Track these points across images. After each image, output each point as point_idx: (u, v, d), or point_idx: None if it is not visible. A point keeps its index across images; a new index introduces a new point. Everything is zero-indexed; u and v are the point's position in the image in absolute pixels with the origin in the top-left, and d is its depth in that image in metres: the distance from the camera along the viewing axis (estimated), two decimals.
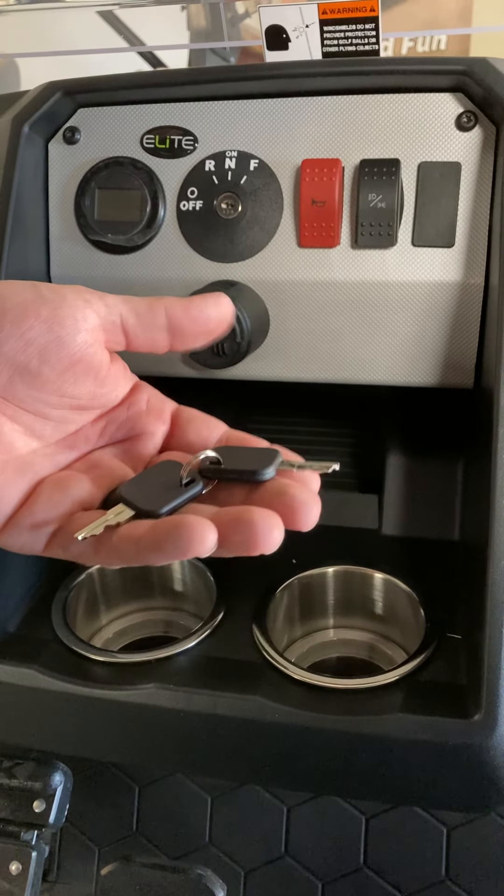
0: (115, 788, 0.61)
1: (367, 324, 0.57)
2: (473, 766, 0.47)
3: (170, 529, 0.32)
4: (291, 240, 0.56)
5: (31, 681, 0.52)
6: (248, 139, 0.56)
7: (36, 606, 0.60)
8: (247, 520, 0.32)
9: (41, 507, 0.37)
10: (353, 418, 0.86)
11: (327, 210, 0.54)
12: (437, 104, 0.53)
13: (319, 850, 0.58)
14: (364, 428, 0.84)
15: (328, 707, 0.49)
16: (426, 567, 0.61)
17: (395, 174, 0.53)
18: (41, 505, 0.37)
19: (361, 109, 0.54)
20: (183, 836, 0.60)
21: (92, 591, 0.64)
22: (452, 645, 0.54)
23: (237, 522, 0.32)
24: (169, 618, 0.67)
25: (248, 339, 0.55)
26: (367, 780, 0.49)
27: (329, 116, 0.55)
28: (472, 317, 0.55)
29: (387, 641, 0.62)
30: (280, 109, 0.56)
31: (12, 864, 0.54)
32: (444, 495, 0.65)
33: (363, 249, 0.55)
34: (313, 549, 0.64)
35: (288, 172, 0.56)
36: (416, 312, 0.56)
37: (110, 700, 0.51)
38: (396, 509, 0.67)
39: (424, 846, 0.56)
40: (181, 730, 0.51)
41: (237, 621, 0.57)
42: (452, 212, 0.53)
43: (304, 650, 0.63)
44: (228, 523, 0.32)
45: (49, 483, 0.38)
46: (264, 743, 0.50)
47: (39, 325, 0.36)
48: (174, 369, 0.62)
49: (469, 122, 0.52)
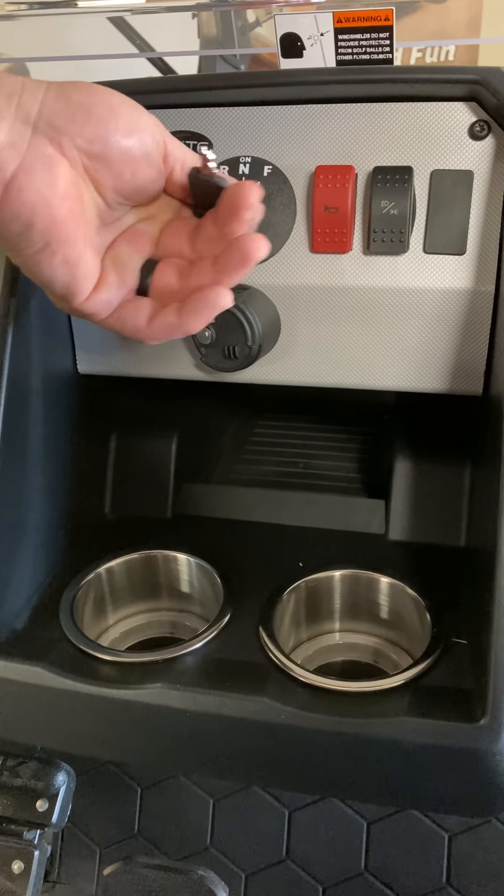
0: (118, 789, 0.62)
1: (377, 329, 0.57)
2: (478, 770, 0.47)
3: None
4: (304, 245, 0.57)
5: (38, 679, 0.53)
6: (262, 145, 0.57)
7: (44, 605, 0.60)
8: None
9: (111, 281, 0.47)
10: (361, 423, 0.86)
11: (340, 216, 0.54)
12: (450, 113, 0.53)
13: (321, 854, 0.58)
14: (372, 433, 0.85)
15: (334, 709, 0.49)
16: (432, 572, 0.62)
17: (407, 181, 0.53)
18: (110, 279, 0.47)
19: (375, 117, 0.55)
20: (184, 838, 0.60)
21: (100, 591, 0.64)
22: (458, 650, 0.54)
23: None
24: (175, 619, 0.67)
25: (258, 343, 0.56)
26: (372, 782, 0.49)
27: (343, 124, 0.55)
28: (482, 324, 0.55)
29: (392, 646, 0.62)
30: (294, 116, 0.56)
31: (14, 864, 0.54)
32: (450, 501, 0.66)
33: (375, 256, 0.56)
34: (320, 553, 0.65)
35: (301, 178, 0.56)
36: (426, 319, 0.56)
37: (117, 699, 0.51)
38: (403, 514, 0.67)
39: (425, 852, 0.57)
40: (187, 730, 0.51)
41: (244, 623, 0.57)
42: (464, 220, 0.54)
43: (309, 653, 0.63)
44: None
45: (112, 257, 0.48)
46: (270, 744, 0.50)
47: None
48: (186, 372, 0.62)
49: (482, 130, 0.53)
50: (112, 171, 0.45)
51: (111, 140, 0.43)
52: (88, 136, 0.43)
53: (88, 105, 0.43)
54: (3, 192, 0.42)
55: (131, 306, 0.48)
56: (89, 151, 0.43)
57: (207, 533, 0.70)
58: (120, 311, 0.48)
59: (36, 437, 0.61)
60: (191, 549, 0.65)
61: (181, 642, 0.56)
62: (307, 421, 0.89)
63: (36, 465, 0.61)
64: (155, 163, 0.46)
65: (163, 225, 0.49)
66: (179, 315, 0.47)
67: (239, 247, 0.45)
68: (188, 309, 0.46)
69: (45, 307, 0.61)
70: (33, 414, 0.61)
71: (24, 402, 0.60)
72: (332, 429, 0.87)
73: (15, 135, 0.41)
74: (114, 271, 0.48)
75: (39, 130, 0.42)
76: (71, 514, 0.67)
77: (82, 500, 0.69)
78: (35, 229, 0.43)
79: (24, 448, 0.60)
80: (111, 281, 0.47)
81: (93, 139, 0.43)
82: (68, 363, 0.65)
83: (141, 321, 0.48)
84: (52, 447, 0.63)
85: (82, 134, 0.43)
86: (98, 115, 0.43)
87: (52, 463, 0.64)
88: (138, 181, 0.46)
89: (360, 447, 0.83)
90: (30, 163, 0.42)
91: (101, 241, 0.48)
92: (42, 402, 0.61)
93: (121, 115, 0.44)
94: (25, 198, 0.42)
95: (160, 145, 0.46)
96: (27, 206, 0.42)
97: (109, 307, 0.48)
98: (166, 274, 0.48)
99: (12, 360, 0.57)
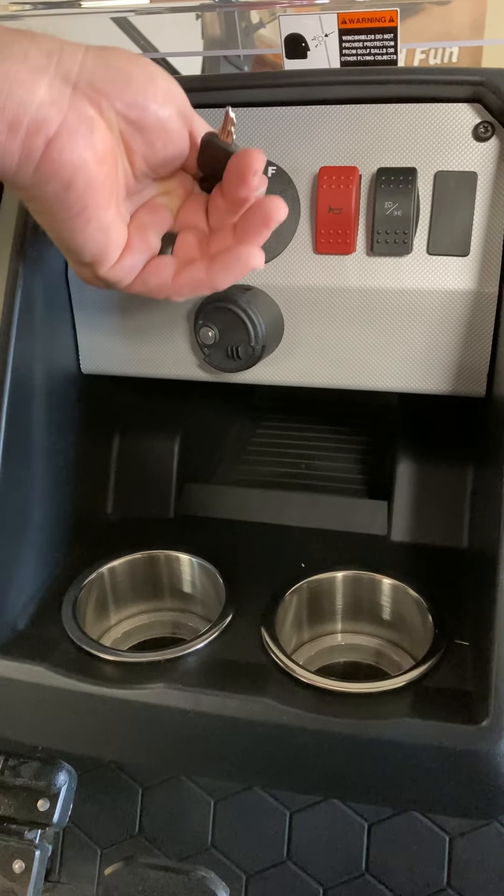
0: (119, 790, 0.62)
1: (380, 331, 0.57)
2: (480, 772, 0.47)
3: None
4: (307, 246, 0.57)
5: (40, 678, 0.53)
6: (267, 146, 0.57)
7: (46, 604, 0.60)
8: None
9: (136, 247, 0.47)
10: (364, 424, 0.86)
11: (344, 217, 0.54)
12: (454, 114, 0.53)
13: (321, 856, 0.58)
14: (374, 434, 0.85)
15: (336, 710, 0.49)
16: (434, 573, 0.62)
17: (411, 183, 0.53)
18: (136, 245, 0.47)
19: (379, 118, 0.55)
20: (185, 838, 0.60)
21: (102, 591, 0.64)
22: (460, 651, 0.54)
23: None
24: (177, 619, 0.67)
25: (262, 344, 0.56)
26: (374, 783, 0.49)
27: (347, 125, 0.55)
28: (485, 326, 0.55)
29: (394, 647, 0.62)
30: (298, 117, 0.56)
31: (15, 863, 0.54)
32: (453, 502, 0.66)
33: (378, 257, 0.56)
34: (323, 554, 0.65)
35: (305, 179, 0.56)
36: (429, 320, 0.56)
37: (119, 699, 0.51)
38: (405, 516, 0.67)
39: (426, 854, 0.57)
40: (189, 730, 0.51)
41: (246, 624, 0.57)
42: (468, 221, 0.54)
43: (311, 654, 0.63)
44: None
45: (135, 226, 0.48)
46: (271, 745, 0.50)
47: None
48: (189, 372, 0.62)
49: (486, 132, 0.53)
50: (146, 140, 0.45)
51: (150, 107, 0.43)
52: (128, 101, 0.43)
53: (128, 70, 0.43)
54: (43, 151, 0.41)
55: (154, 266, 0.48)
56: (127, 116, 0.43)
57: (210, 533, 0.70)
58: (143, 274, 0.48)
59: (39, 436, 0.61)
60: (193, 550, 0.65)
61: (183, 642, 0.56)
62: (310, 422, 0.89)
63: (39, 465, 0.62)
64: (184, 136, 0.46)
65: (180, 200, 0.50)
66: (209, 271, 0.47)
67: (260, 209, 0.46)
68: (219, 265, 0.47)
69: (49, 307, 0.61)
70: (36, 414, 0.61)
71: (28, 402, 0.60)
72: (334, 430, 0.87)
73: (56, 92, 0.41)
74: (139, 236, 0.48)
75: (80, 90, 0.42)
76: (73, 514, 0.67)
77: (85, 499, 0.69)
78: (73, 191, 0.42)
79: (28, 448, 0.60)
80: (136, 246, 0.48)
81: (132, 104, 0.43)
82: (72, 363, 0.65)
83: (165, 278, 0.48)
84: (55, 447, 0.64)
85: (122, 98, 0.42)
86: (137, 81, 0.43)
87: (55, 463, 0.64)
88: (168, 152, 0.46)
89: (362, 448, 0.83)
90: (72, 122, 0.41)
91: (126, 210, 0.48)
92: (45, 402, 0.62)
93: (158, 85, 0.44)
94: (66, 158, 0.41)
95: (188, 119, 0.46)
96: (67, 166, 0.42)
97: (133, 272, 0.48)
98: (186, 242, 0.49)
99: (16, 360, 0.57)
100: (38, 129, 0.40)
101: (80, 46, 0.42)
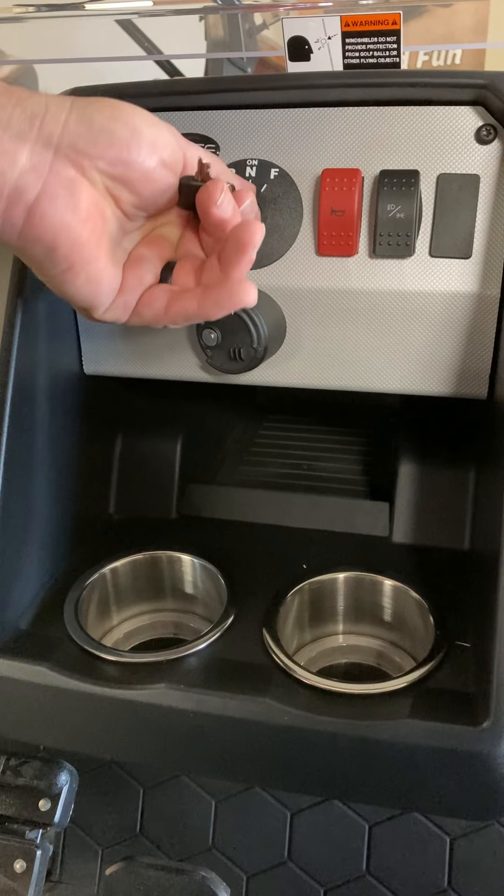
0: (120, 789, 0.62)
1: (382, 332, 0.57)
2: (481, 773, 0.47)
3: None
4: (310, 248, 0.57)
5: (41, 678, 0.53)
6: (269, 148, 0.57)
7: (48, 605, 0.60)
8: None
9: (130, 287, 0.48)
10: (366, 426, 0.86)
11: (346, 219, 0.55)
12: (456, 117, 0.53)
13: (322, 857, 0.58)
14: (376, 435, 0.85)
15: (337, 711, 0.49)
16: (436, 575, 0.62)
17: (414, 185, 0.53)
18: (130, 285, 0.48)
19: (382, 121, 0.55)
20: (186, 838, 0.60)
21: (104, 591, 0.64)
22: (461, 653, 0.54)
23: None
24: (179, 620, 0.67)
25: (264, 346, 0.56)
26: (374, 785, 0.49)
27: (350, 127, 0.55)
28: (487, 328, 0.55)
29: (395, 648, 0.62)
30: (301, 119, 0.56)
31: (17, 863, 0.54)
32: (454, 504, 0.66)
33: (381, 259, 0.56)
34: (324, 555, 0.65)
35: (308, 181, 0.56)
36: (431, 322, 0.56)
37: (120, 699, 0.51)
38: (407, 517, 0.67)
39: (427, 855, 0.56)
40: (190, 730, 0.51)
41: (247, 625, 0.57)
42: (470, 223, 0.54)
43: (312, 655, 0.63)
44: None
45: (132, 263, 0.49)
46: (272, 745, 0.50)
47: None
48: (191, 373, 0.62)
49: (489, 135, 0.53)
50: (132, 190, 0.45)
51: (133, 163, 0.44)
52: (111, 159, 0.43)
53: (111, 129, 0.43)
54: (25, 218, 0.42)
55: (147, 299, 0.49)
56: (111, 173, 0.44)
57: (212, 534, 0.70)
58: (137, 308, 0.49)
59: (42, 437, 0.61)
60: (195, 550, 0.66)
61: (185, 643, 0.56)
62: (312, 423, 0.89)
63: (42, 466, 0.62)
64: (170, 182, 0.47)
65: (180, 229, 0.50)
66: (200, 302, 0.48)
67: (235, 236, 0.46)
68: (211, 300, 0.47)
69: (52, 309, 0.61)
70: (39, 415, 0.61)
71: (31, 403, 0.60)
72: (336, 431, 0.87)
73: (37, 158, 0.42)
74: (133, 274, 0.48)
75: (61, 152, 0.42)
76: (76, 515, 0.67)
77: (87, 500, 0.70)
78: (58, 253, 0.43)
79: (30, 448, 0.60)
80: (129, 286, 0.48)
81: (115, 161, 0.43)
82: (74, 364, 0.65)
83: (158, 309, 0.49)
84: (58, 448, 0.64)
85: (105, 156, 0.43)
86: (120, 139, 0.43)
87: (58, 463, 0.64)
88: (157, 196, 0.47)
89: (364, 450, 0.83)
90: (52, 187, 0.42)
91: (123, 250, 0.49)
92: (48, 402, 0.62)
93: (143, 137, 0.44)
94: (48, 223, 0.42)
95: (179, 159, 0.46)
96: (50, 230, 0.42)
97: (128, 311, 0.49)
98: (184, 271, 0.49)
99: (19, 362, 0.57)
100: (18, 198, 0.41)
101: (65, 103, 0.43)
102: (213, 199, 0.46)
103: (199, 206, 0.47)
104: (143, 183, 0.45)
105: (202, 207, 0.47)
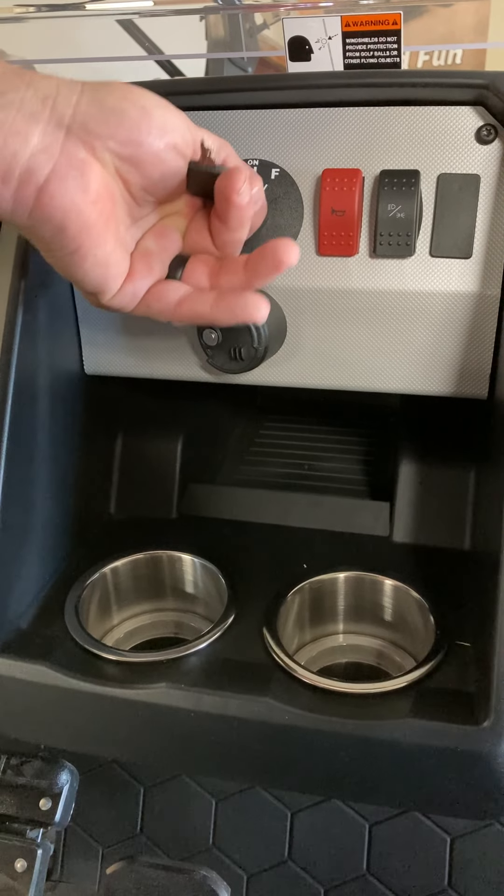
0: (121, 789, 0.62)
1: (383, 332, 0.57)
2: (481, 773, 0.47)
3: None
4: (310, 248, 0.57)
5: (42, 677, 0.53)
6: (270, 148, 0.57)
7: (49, 604, 0.60)
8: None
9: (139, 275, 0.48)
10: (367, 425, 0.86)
11: (347, 219, 0.55)
12: (457, 117, 0.53)
13: (322, 856, 0.58)
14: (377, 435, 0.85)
15: (337, 710, 0.49)
16: (436, 575, 0.62)
17: (414, 185, 0.53)
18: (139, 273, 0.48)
19: (382, 121, 0.55)
20: (187, 838, 0.60)
21: (105, 591, 0.64)
22: (462, 652, 0.54)
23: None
24: (179, 619, 0.67)
25: (265, 345, 0.56)
26: (375, 783, 0.50)
27: (350, 127, 0.55)
28: (487, 328, 0.55)
29: (396, 648, 0.62)
30: (302, 119, 0.56)
31: (17, 862, 0.54)
32: (455, 504, 0.66)
33: (381, 259, 0.56)
34: (325, 555, 0.65)
35: (308, 181, 0.56)
36: (432, 322, 0.56)
37: (121, 698, 0.51)
38: (408, 517, 0.67)
39: (427, 854, 0.56)
40: (191, 730, 0.51)
41: (248, 624, 0.57)
42: (470, 223, 0.54)
43: (313, 654, 0.63)
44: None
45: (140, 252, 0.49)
46: (273, 745, 0.50)
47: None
48: (192, 373, 0.62)
49: (489, 135, 0.53)
50: (142, 172, 0.45)
51: (143, 143, 0.44)
52: (121, 139, 0.43)
53: (122, 109, 0.43)
54: (35, 197, 0.42)
55: (157, 292, 0.49)
56: (121, 154, 0.44)
57: (212, 534, 0.70)
58: (146, 298, 0.49)
59: (43, 437, 0.61)
60: (195, 550, 0.66)
61: (185, 642, 0.56)
62: (312, 423, 0.89)
63: (42, 465, 0.62)
64: (180, 164, 0.47)
65: (188, 219, 0.50)
66: (213, 307, 0.48)
67: (273, 252, 0.46)
68: (224, 306, 0.48)
69: (53, 308, 0.61)
70: (40, 414, 0.61)
71: (32, 403, 0.60)
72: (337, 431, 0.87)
73: (48, 138, 0.42)
74: (142, 263, 0.49)
75: (73, 133, 0.42)
76: (77, 514, 0.67)
77: (88, 500, 0.70)
78: (67, 233, 0.44)
79: (31, 448, 0.60)
80: (139, 274, 0.49)
81: (125, 142, 0.44)
82: (75, 364, 0.65)
83: (168, 303, 0.49)
84: (59, 447, 0.64)
85: (115, 137, 0.43)
86: (131, 118, 0.44)
87: (59, 463, 0.64)
88: (166, 181, 0.47)
89: (365, 449, 0.83)
90: (62, 168, 0.42)
91: (132, 237, 0.49)
92: (49, 402, 0.62)
93: (153, 118, 0.44)
94: (58, 203, 0.42)
95: (189, 143, 0.46)
96: (59, 210, 0.43)
97: (136, 299, 0.49)
98: (196, 272, 0.50)
99: (20, 361, 0.57)
100: (29, 177, 0.42)
101: (76, 86, 0.43)
102: (234, 187, 0.46)
103: (218, 193, 0.47)
104: (152, 165, 0.45)
105: (223, 194, 0.47)
